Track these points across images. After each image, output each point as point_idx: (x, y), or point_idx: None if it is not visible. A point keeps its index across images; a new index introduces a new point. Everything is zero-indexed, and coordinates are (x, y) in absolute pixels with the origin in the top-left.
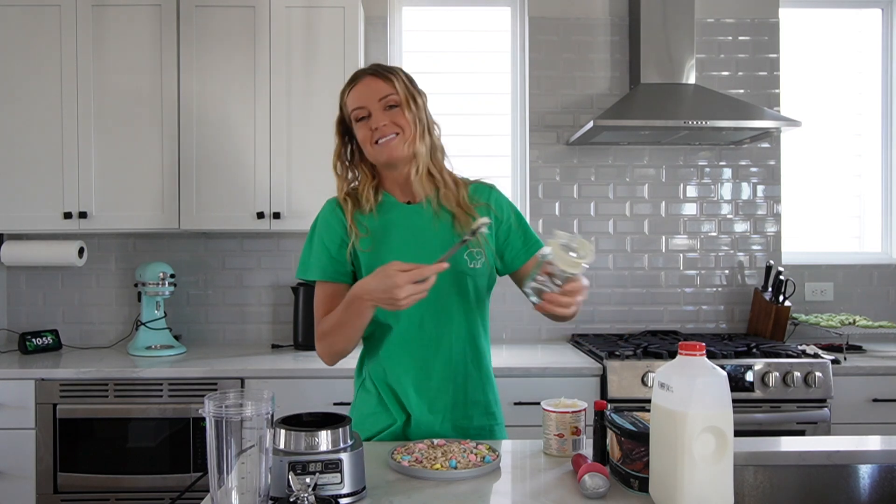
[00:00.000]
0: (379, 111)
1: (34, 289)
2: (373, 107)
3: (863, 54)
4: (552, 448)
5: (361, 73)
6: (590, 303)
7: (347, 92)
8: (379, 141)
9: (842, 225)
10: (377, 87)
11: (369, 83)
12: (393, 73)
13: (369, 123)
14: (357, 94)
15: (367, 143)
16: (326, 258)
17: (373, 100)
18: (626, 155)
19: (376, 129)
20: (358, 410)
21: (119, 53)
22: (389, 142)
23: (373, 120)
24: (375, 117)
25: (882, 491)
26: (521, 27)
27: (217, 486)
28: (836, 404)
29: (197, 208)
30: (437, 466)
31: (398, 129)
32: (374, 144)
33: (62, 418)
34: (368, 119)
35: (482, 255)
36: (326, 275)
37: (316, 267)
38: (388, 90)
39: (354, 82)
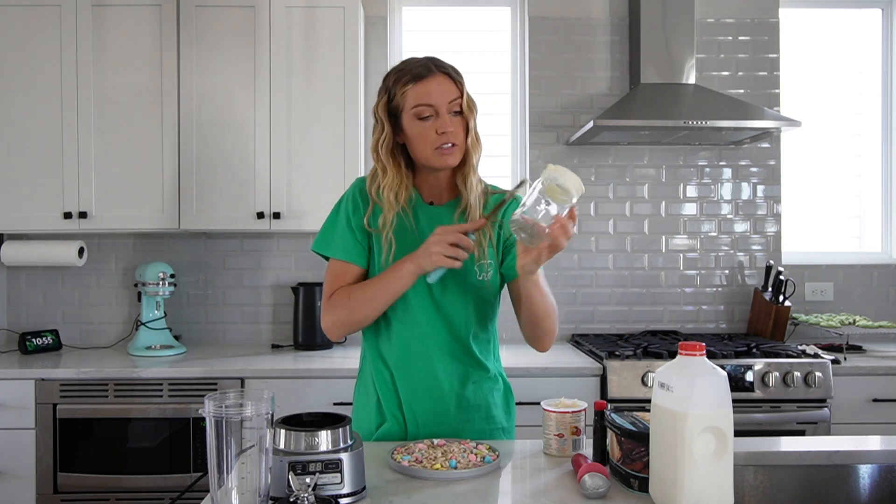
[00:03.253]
0: (447, 115)
1: (34, 289)
2: (442, 108)
3: (863, 54)
4: (552, 448)
5: (430, 68)
6: (590, 303)
7: (411, 85)
8: (443, 146)
9: (842, 225)
10: (448, 88)
11: (441, 83)
12: (460, 76)
13: (435, 125)
14: (426, 92)
15: (427, 145)
16: (350, 238)
17: (443, 102)
18: (626, 155)
19: (444, 133)
20: (358, 411)
21: (119, 53)
22: (451, 150)
23: (440, 123)
24: (444, 121)
25: (882, 491)
26: (521, 27)
27: (217, 486)
28: (836, 404)
29: (197, 208)
30: (437, 466)
31: (458, 138)
32: (434, 149)
33: (62, 418)
34: (434, 119)
35: (491, 268)
36: (347, 254)
37: (339, 245)
38: (457, 94)
39: (422, 77)
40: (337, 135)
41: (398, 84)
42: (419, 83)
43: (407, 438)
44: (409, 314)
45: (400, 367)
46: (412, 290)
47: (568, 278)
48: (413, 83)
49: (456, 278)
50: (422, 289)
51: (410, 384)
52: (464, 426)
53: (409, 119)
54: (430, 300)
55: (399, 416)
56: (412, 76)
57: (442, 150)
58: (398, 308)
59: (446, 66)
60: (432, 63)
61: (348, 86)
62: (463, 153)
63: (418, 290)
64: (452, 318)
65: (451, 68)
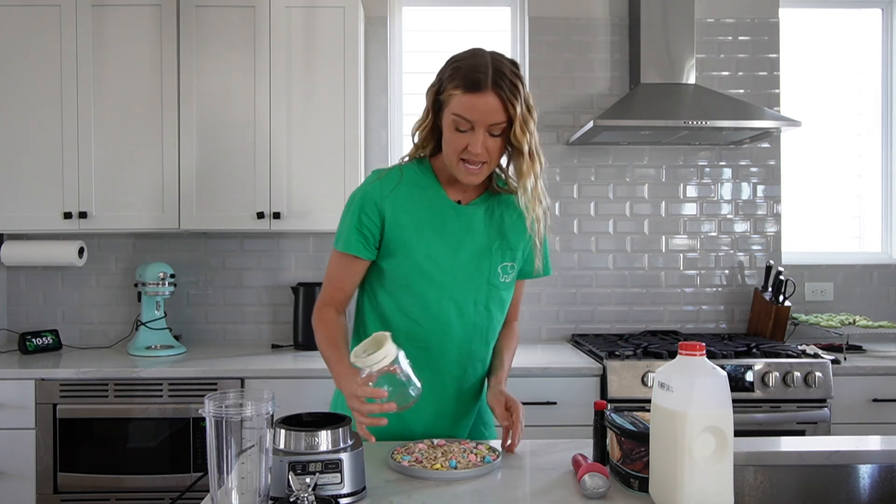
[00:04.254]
0: (482, 134)
1: (34, 289)
2: (479, 128)
3: (863, 54)
4: None
5: (484, 82)
6: (590, 303)
7: (461, 92)
8: (468, 161)
9: (842, 225)
10: (494, 108)
11: (490, 103)
12: (516, 95)
13: (466, 139)
14: (470, 107)
15: (454, 153)
16: (356, 234)
17: (483, 122)
18: (626, 155)
19: (470, 150)
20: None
21: (119, 53)
22: (474, 170)
23: (472, 141)
24: (476, 140)
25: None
26: (520, 27)
27: (217, 486)
28: (836, 404)
29: (197, 208)
30: (437, 466)
31: (487, 158)
32: (459, 160)
33: (62, 418)
34: (468, 134)
35: (515, 269)
36: (349, 248)
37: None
38: (501, 118)
39: (474, 89)
40: (337, 135)
41: (450, 82)
42: (466, 94)
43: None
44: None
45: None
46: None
47: (568, 278)
48: (462, 91)
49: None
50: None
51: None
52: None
53: (448, 121)
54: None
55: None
56: (465, 83)
57: (467, 165)
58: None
59: (504, 82)
60: (491, 76)
61: (348, 86)
62: (490, 170)
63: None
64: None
65: (510, 84)
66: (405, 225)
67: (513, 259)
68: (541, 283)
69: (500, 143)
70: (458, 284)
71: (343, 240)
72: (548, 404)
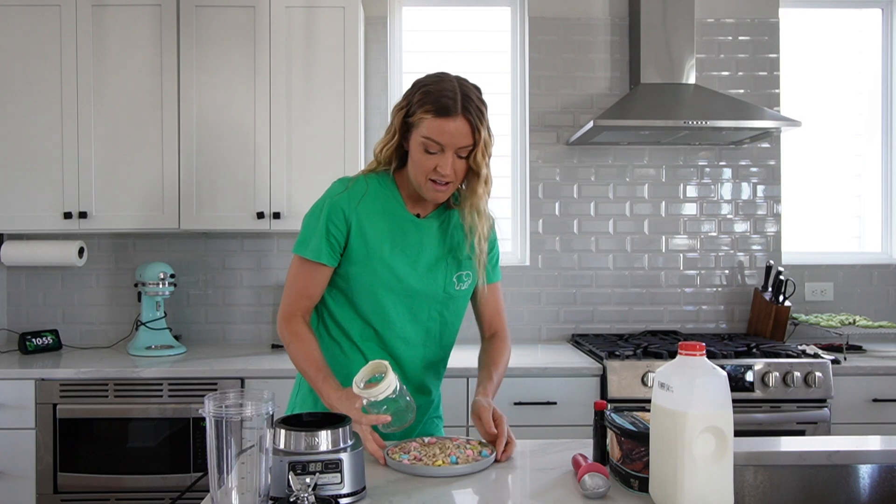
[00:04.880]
0: (450, 157)
1: (34, 289)
2: (448, 150)
3: (863, 54)
4: None
5: (454, 108)
6: (590, 303)
7: (430, 116)
8: (436, 181)
9: (842, 225)
10: (463, 133)
11: (459, 127)
12: (482, 119)
13: (435, 160)
14: (440, 131)
15: (422, 173)
16: (325, 242)
17: (452, 146)
18: (626, 155)
19: (439, 171)
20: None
21: (119, 53)
22: (443, 189)
23: (441, 163)
24: (445, 162)
25: (882, 491)
26: (521, 27)
27: (217, 486)
28: (836, 404)
29: (197, 208)
30: (439, 463)
31: (453, 178)
32: (427, 180)
33: (62, 418)
34: (437, 156)
35: (471, 277)
36: (319, 257)
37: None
38: (469, 141)
39: (443, 115)
40: (337, 135)
41: (420, 106)
42: (438, 118)
43: None
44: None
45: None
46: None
47: (568, 278)
48: (432, 115)
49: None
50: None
51: None
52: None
53: (416, 143)
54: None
55: None
56: (435, 108)
57: (435, 184)
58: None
59: (472, 107)
60: (460, 101)
61: (348, 86)
62: (454, 190)
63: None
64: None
65: (476, 111)
66: (368, 235)
67: (469, 268)
68: (541, 283)
69: (465, 165)
70: (416, 293)
71: (312, 248)
72: (548, 404)
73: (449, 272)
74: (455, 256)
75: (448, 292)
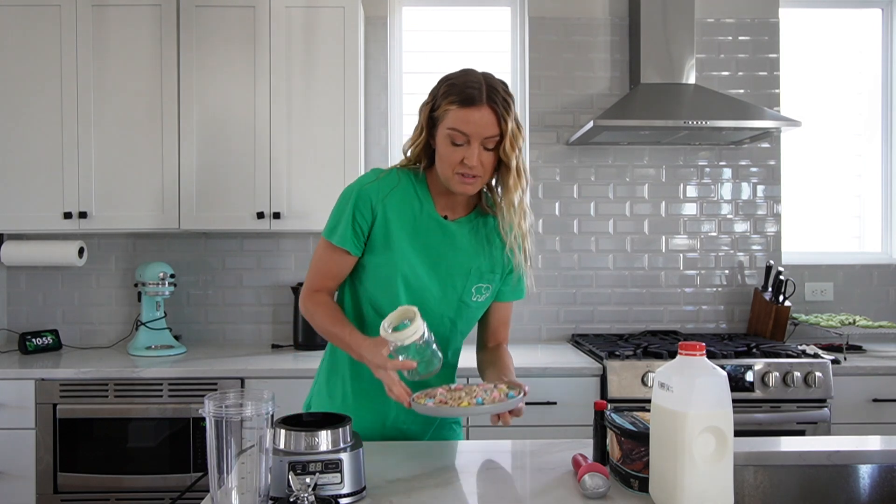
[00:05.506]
0: (477, 147)
1: (34, 289)
2: (474, 141)
3: (863, 54)
4: None
5: (479, 98)
6: (590, 303)
7: (456, 107)
8: (464, 174)
9: (842, 225)
10: (489, 122)
11: (484, 116)
12: (508, 110)
13: (462, 152)
14: (465, 120)
15: (449, 166)
16: (351, 231)
17: (478, 136)
18: (626, 155)
19: (466, 163)
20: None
21: (119, 53)
22: (471, 181)
23: (468, 155)
24: (472, 154)
25: (882, 491)
26: (521, 27)
27: (217, 486)
28: (836, 404)
29: (197, 208)
30: (465, 404)
31: (481, 171)
32: (455, 174)
33: (62, 418)
34: (464, 148)
35: (490, 290)
36: (344, 243)
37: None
38: (495, 131)
39: (468, 104)
40: (337, 135)
41: (445, 98)
42: (462, 108)
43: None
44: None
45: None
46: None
47: (568, 278)
48: (457, 105)
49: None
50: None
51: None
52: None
53: (443, 136)
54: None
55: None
56: (460, 98)
57: (462, 177)
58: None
59: (498, 98)
60: (486, 91)
61: (348, 86)
62: (484, 184)
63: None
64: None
65: (502, 101)
66: (392, 228)
67: (490, 281)
68: (541, 283)
69: (492, 158)
70: (431, 296)
71: (339, 234)
72: (548, 404)
73: (469, 281)
74: (480, 266)
75: (464, 301)
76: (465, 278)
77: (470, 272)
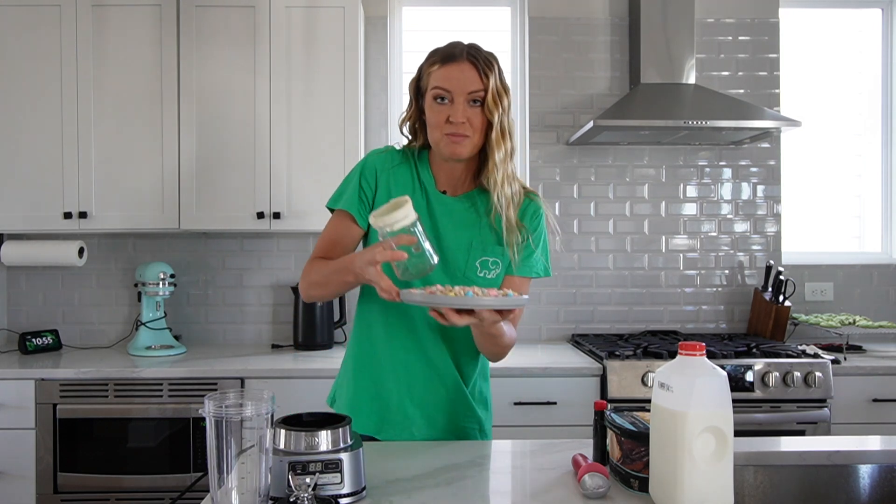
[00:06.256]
0: (462, 104)
1: (34, 289)
2: (458, 97)
3: (863, 54)
4: None
5: (459, 53)
6: (590, 303)
7: (437, 66)
8: (452, 134)
9: (842, 225)
10: (471, 77)
11: (464, 70)
12: (490, 68)
13: (447, 110)
14: (446, 76)
15: (437, 128)
16: (357, 197)
17: (461, 90)
18: (626, 155)
19: (453, 122)
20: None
21: (119, 53)
22: (459, 140)
23: (453, 111)
24: (457, 109)
25: (882, 491)
26: (521, 27)
27: (217, 486)
28: (836, 404)
29: (197, 208)
30: (454, 294)
31: (469, 131)
32: (443, 135)
33: (62, 418)
34: (448, 105)
35: (498, 266)
36: (350, 207)
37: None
38: (479, 86)
39: (448, 61)
40: (337, 135)
41: (427, 63)
42: (443, 66)
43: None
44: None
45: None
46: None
47: (568, 278)
48: (438, 64)
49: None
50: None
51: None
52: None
53: (429, 101)
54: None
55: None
56: (440, 57)
57: (451, 137)
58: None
59: (478, 54)
60: (465, 48)
61: (348, 86)
62: (476, 146)
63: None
64: None
65: (483, 58)
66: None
67: (498, 255)
68: (541, 282)
69: (480, 116)
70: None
71: (345, 199)
72: (548, 404)
73: (472, 255)
74: (484, 241)
75: (468, 277)
76: (467, 252)
77: (471, 246)
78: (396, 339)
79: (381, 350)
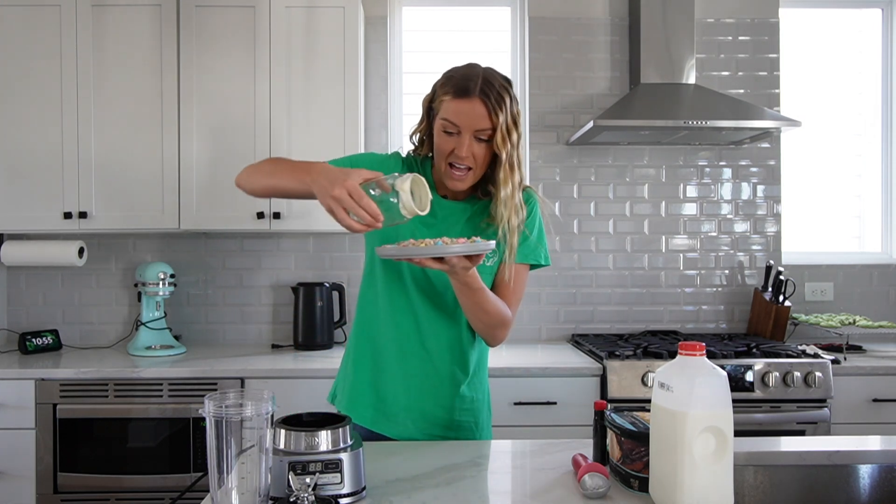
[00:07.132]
0: (468, 139)
1: (34, 289)
2: (465, 133)
3: (863, 54)
4: None
5: (472, 89)
6: (590, 303)
7: (450, 97)
8: (454, 166)
9: (842, 225)
10: (480, 115)
11: (475, 107)
12: (502, 104)
13: (454, 143)
14: (457, 112)
15: (442, 157)
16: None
17: (469, 127)
18: (626, 155)
19: (456, 154)
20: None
21: (119, 53)
22: (461, 175)
23: (458, 146)
24: (462, 144)
25: (882, 491)
26: (521, 27)
27: (217, 486)
28: (836, 404)
29: (197, 208)
30: (425, 245)
31: (473, 164)
32: (447, 166)
33: (62, 418)
34: (455, 138)
35: (496, 255)
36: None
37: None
38: (487, 125)
39: (462, 95)
40: (337, 135)
41: (442, 89)
42: (455, 100)
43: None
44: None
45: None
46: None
47: (568, 278)
48: (451, 97)
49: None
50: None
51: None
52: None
53: (438, 126)
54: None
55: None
56: (454, 89)
57: (453, 169)
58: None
59: (492, 90)
60: (480, 84)
61: (348, 86)
62: (477, 177)
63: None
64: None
65: (495, 94)
66: None
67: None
68: (541, 282)
69: (485, 151)
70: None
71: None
72: (548, 404)
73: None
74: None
75: None
76: None
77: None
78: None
79: (380, 343)
